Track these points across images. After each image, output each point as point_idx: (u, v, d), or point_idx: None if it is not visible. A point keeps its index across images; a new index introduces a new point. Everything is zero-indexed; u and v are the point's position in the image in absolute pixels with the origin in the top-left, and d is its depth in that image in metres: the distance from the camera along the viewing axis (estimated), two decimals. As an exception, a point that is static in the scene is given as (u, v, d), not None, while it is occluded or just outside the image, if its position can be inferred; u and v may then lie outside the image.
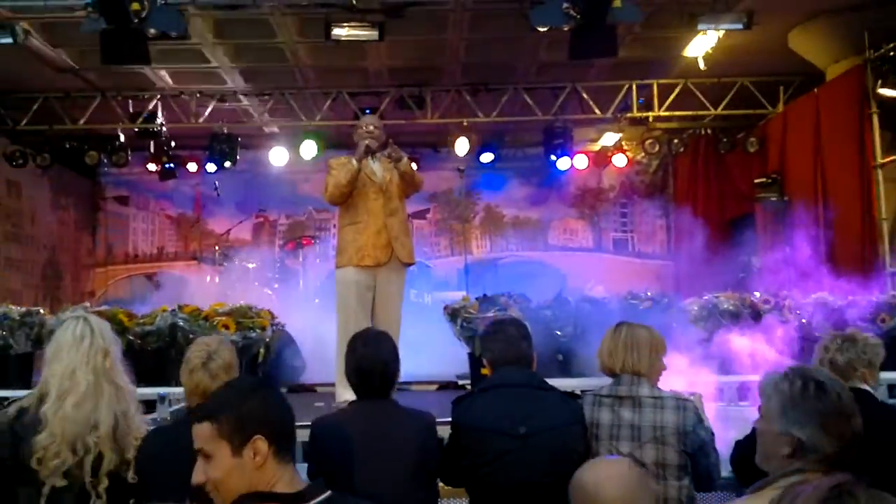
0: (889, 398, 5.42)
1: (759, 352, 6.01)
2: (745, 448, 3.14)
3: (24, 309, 6.60)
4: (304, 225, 13.92)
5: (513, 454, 3.06)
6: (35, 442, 2.81)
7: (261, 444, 1.92)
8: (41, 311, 6.62)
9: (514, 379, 3.22)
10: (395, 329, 5.47)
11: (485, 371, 3.49)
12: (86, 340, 2.98)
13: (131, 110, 11.44)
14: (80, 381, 2.90)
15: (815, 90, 9.92)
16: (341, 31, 7.75)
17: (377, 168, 5.65)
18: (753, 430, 3.07)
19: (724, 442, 3.42)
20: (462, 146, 11.63)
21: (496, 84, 11.14)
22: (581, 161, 12.80)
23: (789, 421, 2.09)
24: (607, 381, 3.39)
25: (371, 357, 3.13)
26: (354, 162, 5.51)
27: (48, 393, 2.91)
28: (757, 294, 7.13)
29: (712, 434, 3.28)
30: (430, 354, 7.16)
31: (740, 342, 6.16)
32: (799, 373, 2.17)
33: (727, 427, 3.84)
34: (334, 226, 10.37)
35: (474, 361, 6.42)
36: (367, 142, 5.56)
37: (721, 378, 5.86)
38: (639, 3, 7.21)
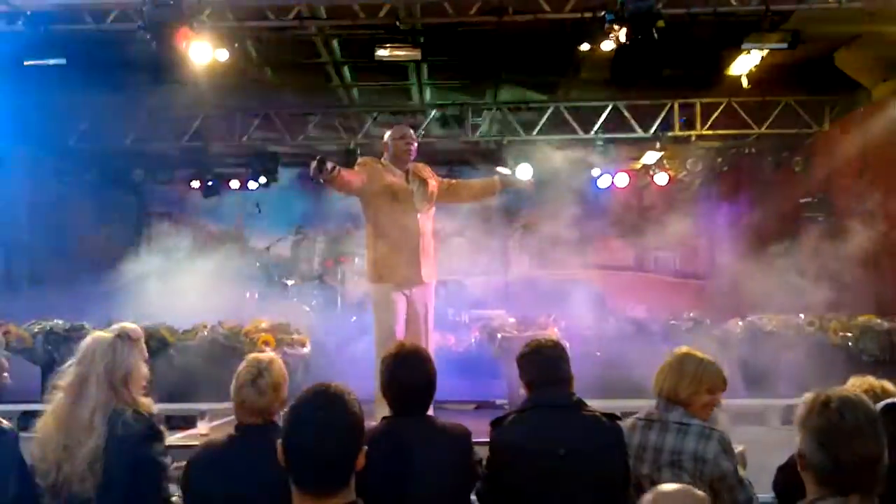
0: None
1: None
2: (785, 472, 3.08)
3: (69, 324, 6.71)
4: (343, 242, 13.99)
5: (552, 475, 3.03)
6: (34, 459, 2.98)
7: None
8: (86, 325, 6.73)
9: (553, 400, 3.19)
10: (429, 345, 5.45)
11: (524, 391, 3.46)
12: (82, 359, 3.15)
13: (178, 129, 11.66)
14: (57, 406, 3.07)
15: (862, 109, 9.77)
16: (384, 52, 7.83)
17: (416, 187, 5.59)
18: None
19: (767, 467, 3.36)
20: (524, 171, 11.35)
21: (537, 102, 11.14)
22: (622, 179, 12.74)
23: (800, 438, 2.09)
24: (646, 402, 3.36)
25: (412, 375, 3.11)
26: (394, 180, 5.43)
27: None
28: (801, 315, 7.02)
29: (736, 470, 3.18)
30: (467, 374, 7.14)
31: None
32: (823, 392, 2.15)
33: (770, 452, 3.77)
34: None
35: (512, 381, 6.39)
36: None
37: (763, 401, 5.77)
38: (683, 22, 7.17)
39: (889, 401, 3.08)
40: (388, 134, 5.68)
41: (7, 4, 7.58)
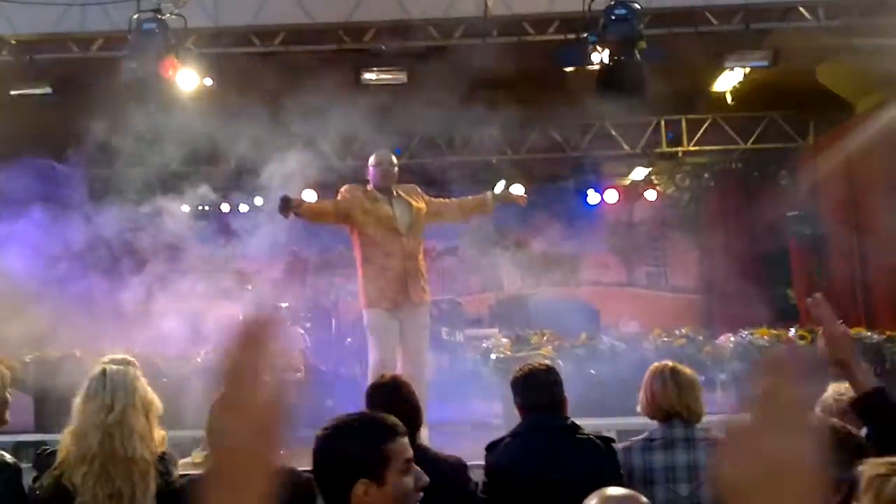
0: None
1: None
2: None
3: (60, 352, 6.70)
4: (336, 263, 13.94)
5: (547, 499, 3.03)
6: None
7: None
8: (77, 353, 6.71)
9: (546, 424, 3.21)
10: (425, 366, 5.47)
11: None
12: (97, 398, 2.90)
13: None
14: (92, 445, 2.83)
15: (846, 123, 9.85)
16: (371, 76, 7.87)
17: (399, 211, 5.59)
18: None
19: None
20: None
21: (525, 121, 11.19)
22: (611, 195, 12.80)
23: None
24: (641, 420, 3.36)
25: (391, 406, 3.08)
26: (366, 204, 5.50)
27: (63, 458, 2.88)
28: (793, 329, 7.05)
29: None
30: (462, 394, 7.13)
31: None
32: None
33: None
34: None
35: (508, 401, 6.39)
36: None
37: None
38: (665, 40, 7.23)
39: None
40: (370, 159, 5.75)
41: (-8, 35, 7.61)
